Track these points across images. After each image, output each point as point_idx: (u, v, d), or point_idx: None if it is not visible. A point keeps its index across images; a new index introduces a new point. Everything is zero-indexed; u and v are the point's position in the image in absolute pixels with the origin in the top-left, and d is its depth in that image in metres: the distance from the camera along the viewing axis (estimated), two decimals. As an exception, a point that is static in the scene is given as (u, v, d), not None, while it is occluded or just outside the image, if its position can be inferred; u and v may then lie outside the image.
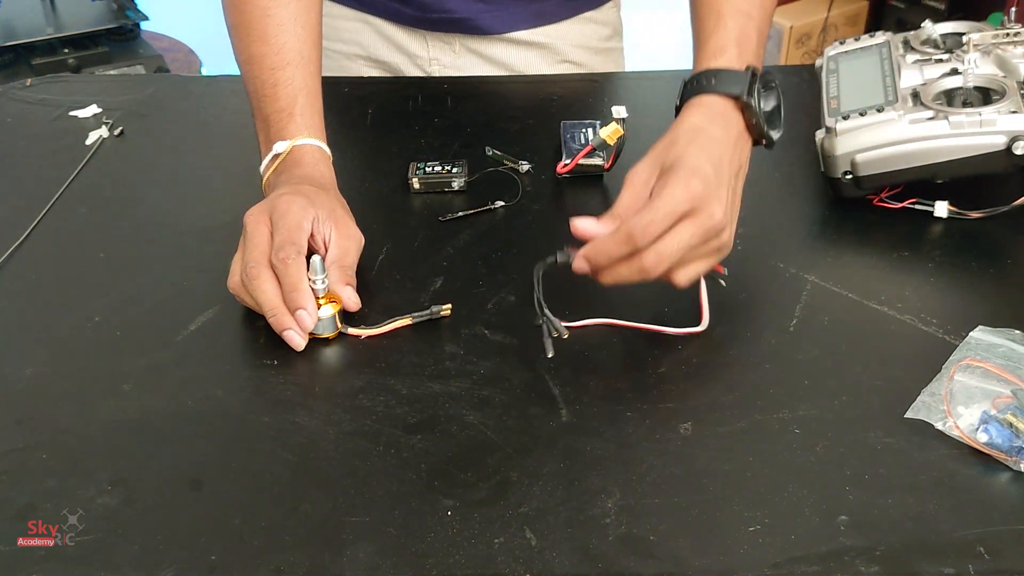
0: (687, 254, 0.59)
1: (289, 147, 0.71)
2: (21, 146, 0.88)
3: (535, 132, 0.88)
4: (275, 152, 0.71)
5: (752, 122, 0.66)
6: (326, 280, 0.62)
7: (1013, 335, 0.61)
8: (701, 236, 0.59)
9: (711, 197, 0.59)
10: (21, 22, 1.87)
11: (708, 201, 0.59)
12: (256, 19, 0.75)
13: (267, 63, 0.73)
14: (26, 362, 0.62)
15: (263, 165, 0.72)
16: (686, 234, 0.58)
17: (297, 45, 0.75)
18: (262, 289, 0.61)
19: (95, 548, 0.49)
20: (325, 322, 0.62)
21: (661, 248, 0.58)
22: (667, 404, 0.58)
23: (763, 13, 0.71)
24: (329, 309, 0.62)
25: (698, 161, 0.60)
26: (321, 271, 0.62)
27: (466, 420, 0.57)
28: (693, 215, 0.58)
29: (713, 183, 0.59)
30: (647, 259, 0.58)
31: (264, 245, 0.63)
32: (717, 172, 0.60)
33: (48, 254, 0.73)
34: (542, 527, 0.50)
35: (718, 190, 0.60)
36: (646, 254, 0.58)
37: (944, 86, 0.75)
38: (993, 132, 0.69)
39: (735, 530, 0.50)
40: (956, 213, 0.73)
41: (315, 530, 0.50)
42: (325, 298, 0.62)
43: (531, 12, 0.98)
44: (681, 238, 0.58)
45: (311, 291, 0.62)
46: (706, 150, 0.61)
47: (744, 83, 0.65)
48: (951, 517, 0.50)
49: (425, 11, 0.97)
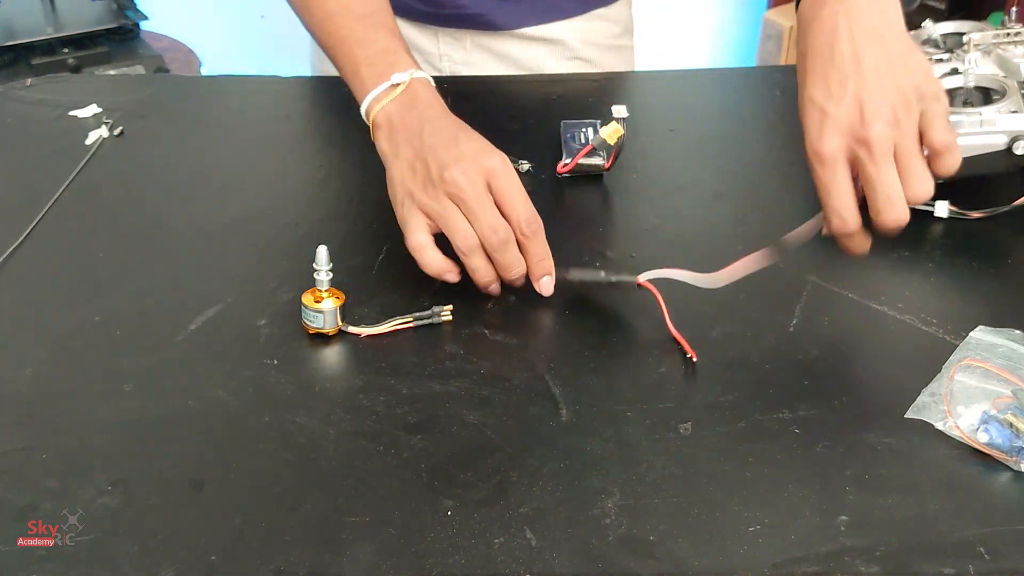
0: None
1: (409, 78, 0.70)
2: (21, 146, 0.88)
3: (535, 131, 0.88)
4: (393, 82, 0.69)
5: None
6: (331, 273, 0.62)
7: (1013, 335, 0.61)
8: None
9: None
10: (21, 22, 1.87)
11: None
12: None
13: (352, 14, 0.73)
14: (26, 362, 0.62)
15: (372, 96, 0.70)
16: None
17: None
18: (516, 255, 0.63)
19: (95, 548, 0.49)
20: (327, 316, 0.62)
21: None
22: (667, 404, 0.58)
23: None
24: (331, 303, 0.62)
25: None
26: (326, 263, 0.62)
27: (466, 420, 0.57)
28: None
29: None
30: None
31: (494, 204, 0.63)
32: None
33: (48, 254, 0.73)
34: (542, 527, 0.50)
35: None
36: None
37: (945, 86, 0.75)
38: (993, 132, 0.69)
39: (735, 530, 0.50)
40: (956, 213, 0.73)
41: (315, 530, 0.50)
42: (328, 292, 0.63)
43: (542, 8, 0.98)
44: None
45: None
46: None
47: None
48: (951, 517, 0.50)
49: (437, 6, 0.97)
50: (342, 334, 0.63)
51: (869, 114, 0.57)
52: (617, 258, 0.72)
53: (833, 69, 0.58)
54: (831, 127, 0.58)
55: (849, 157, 0.58)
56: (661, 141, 0.79)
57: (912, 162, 0.57)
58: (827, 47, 0.59)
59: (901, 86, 0.58)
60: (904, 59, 0.58)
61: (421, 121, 0.67)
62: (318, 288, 0.63)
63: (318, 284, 0.63)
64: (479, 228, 0.62)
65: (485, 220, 0.62)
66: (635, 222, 0.78)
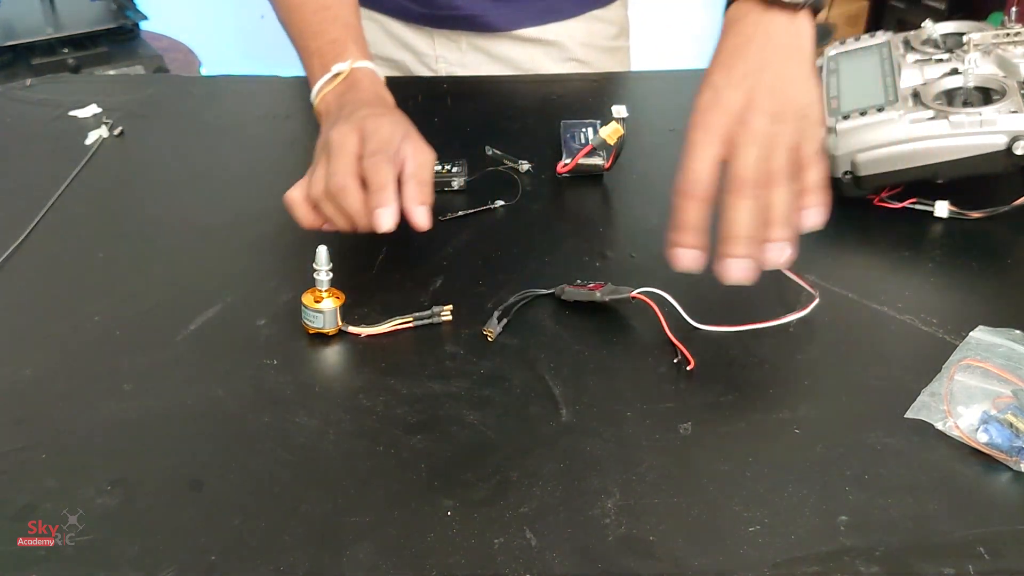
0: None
1: (349, 68, 0.74)
2: (21, 146, 0.88)
3: (535, 131, 0.88)
4: (334, 72, 0.73)
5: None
6: (331, 273, 0.62)
7: (1013, 335, 0.61)
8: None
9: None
10: (21, 22, 1.87)
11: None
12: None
13: (309, 7, 0.77)
14: (26, 362, 0.62)
15: (318, 87, 0.74)
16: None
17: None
18: (354, 198, 0.63)
19: (95, 548, 0.49)
20: (327, 316, 0.62)
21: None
22: (667, 404, 0.58)
23: None
24: (331, 303, 0.62)
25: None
26: (326, 262, 0.62)
27: (466, 420, 0.57)
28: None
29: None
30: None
31: (354, 155, 0.64)
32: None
33: (48, 254, 0.73)
34: (542, 527, 0.50)
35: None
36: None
37: (944, 86, 0.75)
38: (993, 132, 0.69)
39: (735, 530, 0.50)
40: (956, 213, 0.73)
41: (315, 530, 0.50)
42: (328, 292, 0.63)
43: (538, 9, 0.98)
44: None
45: (394, 195, 0.63)
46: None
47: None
48: (951, 517, 0.50)
49: (432, 8, 0.97)
50: (342, 334, 0.63)
51: (756, 105, 0.59)
52: (617, 258, 0.72)
53: (739, 63, 0.61)
54: (720, 106, 0.59)
55: (724, 137, 0.59)
56: (661, 141, 0.79)
57: (778, 157, 0.58)
58: (740, 47, 0.62)
59: (792, 98, 0.60)
60: (802, 80, 0.61)
61: (345, 104, 0.71)
62: (318, 288, 0.63)
63: (318, 284, 0.63)
64: (325, 174, 0.64)
65: (331, 167, 0.64)
66: (635, 222, 0.78)
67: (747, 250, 0.57)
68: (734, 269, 0.57)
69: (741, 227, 0.57)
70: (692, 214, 0.58)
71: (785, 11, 0.62)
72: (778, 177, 0.57)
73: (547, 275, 0.69)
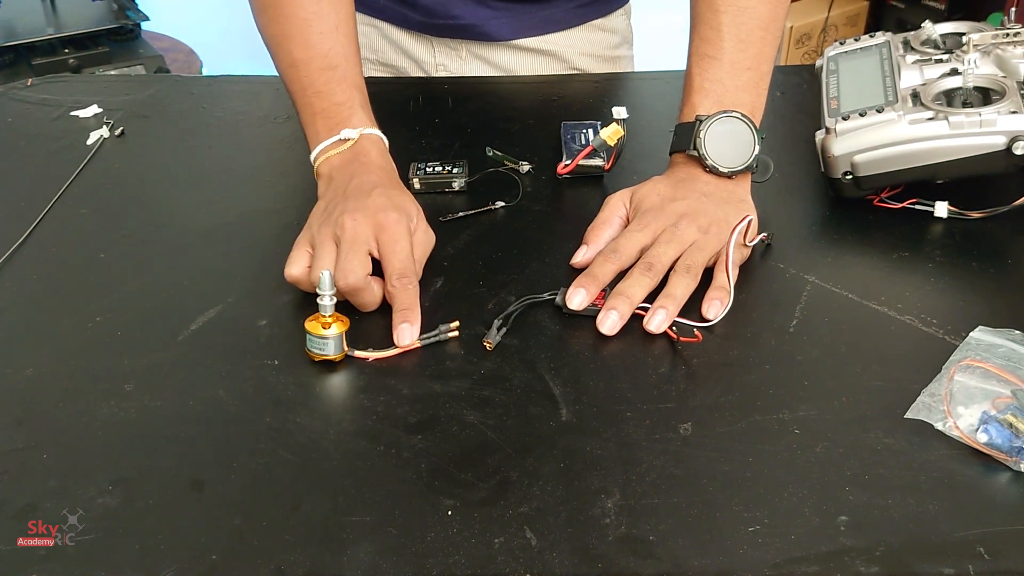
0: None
1: (359, 135, 0.73)
2: (21, 146, 0.88)
3: (535, 133, 0.88)
4: (342, 136, 0.73)
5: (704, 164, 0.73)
6: (335, 298, 0.61)
7: (1013, 335, 0.61)
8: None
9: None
10: (21, 22, 1.87)
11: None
12: (297, 29, 0.76)
13: (315, 66, 0.75)
14: (26, 362, 0.62)
15: (321, 147, 0.74)
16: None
17: (342, 51, 0.76)
18: (370, 295, 0.64)
19: (95, 548, 0.49)
20: (332, 343, 0.60)
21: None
22: (667, 404, 0.58)
23: (736, 45, 0.75)
24: (336, 329, 0.60)
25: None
26: (330, 287, 0.60)
27: (466, 420, 0.57)
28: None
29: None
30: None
31: (368, 251, 0.65)
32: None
33: (48, 254, 0.73)
34: (542, 527, 0.50)
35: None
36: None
37: (944, 86, 0.75)
38: (993, 132, 0.69)
39: (735, 530, 0.50)
40: (956, 213, 0.73)
41: (315, 530, 0.50)
42: (332, 317, 0.60)
43: (538, 19, 0.97)
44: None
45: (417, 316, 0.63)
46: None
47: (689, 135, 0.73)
48: (951, 517, 0.50)
49: (432, 17, 0.96)
50: (348, 358, 0.61)
51: (690, 220, 0.69)
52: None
53: (684, 192, 0.71)
54: (663, 215, 0.69)
55: (655, 234, 0.68)
56: (661, 142, 0.79)
57: (696, 258, 0.67)
58: (687, 181, 0.73)
59: (720, 220, 0.69)
60: (734, 215, 0.69)
61: (353, 175, 0.71)
62: (322, 313, 0.60)
63: (322, 309, 0.60)
64: (336, 268, 0.63)
65: (342, 263, 0.64)
66: (635, 222, 0.77)
67: (627, 310, 0.64)
68: (609, 320, 0.64)
69: (634, 294, 0.65)
70: (603, 271, 0.66)
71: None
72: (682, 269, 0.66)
73: (548, 276, 0.69)
